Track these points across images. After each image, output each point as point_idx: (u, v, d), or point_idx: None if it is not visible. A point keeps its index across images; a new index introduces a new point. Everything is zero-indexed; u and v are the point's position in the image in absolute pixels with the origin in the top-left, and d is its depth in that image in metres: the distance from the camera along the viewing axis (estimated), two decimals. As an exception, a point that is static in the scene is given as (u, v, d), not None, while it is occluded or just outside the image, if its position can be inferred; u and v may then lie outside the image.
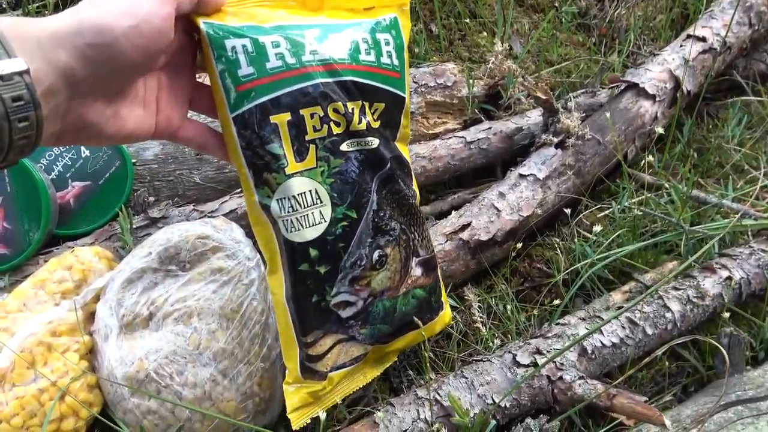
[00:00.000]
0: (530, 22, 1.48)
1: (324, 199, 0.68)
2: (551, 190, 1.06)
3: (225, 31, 0.61)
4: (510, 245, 1.02)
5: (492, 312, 1.02)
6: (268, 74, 0.63)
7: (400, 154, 0.76)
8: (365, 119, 0.69)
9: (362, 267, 0.72)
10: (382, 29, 0.71)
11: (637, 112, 1.14)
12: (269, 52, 0.62)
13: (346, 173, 0.69)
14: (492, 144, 1.12)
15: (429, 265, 0.82)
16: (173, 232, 0.87)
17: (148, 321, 0.80)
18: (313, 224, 0.68)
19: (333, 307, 0.73)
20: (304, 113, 0.64)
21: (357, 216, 0.71)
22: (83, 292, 0.82)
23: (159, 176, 1.01)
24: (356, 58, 0.68)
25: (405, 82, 0.75)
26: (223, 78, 0.62)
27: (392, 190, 0.74)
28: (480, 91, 1.19)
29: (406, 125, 0.78)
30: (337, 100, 0.66)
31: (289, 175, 0.65)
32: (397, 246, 0.75)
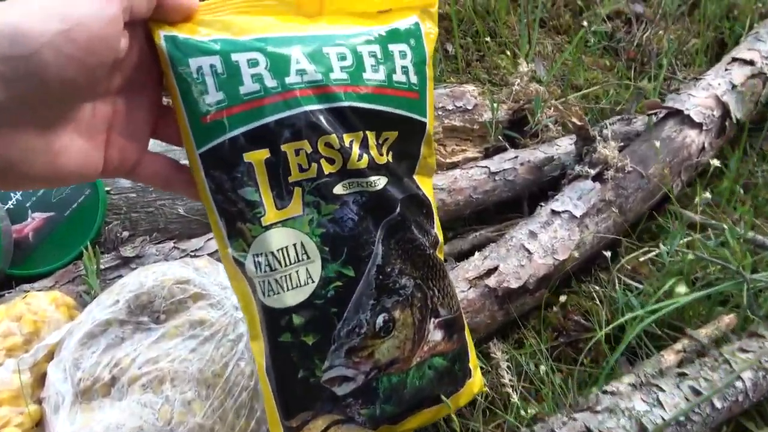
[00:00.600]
0: (553, 44, 1.37)
1: (312, 255, 0.55)
2: (589, 230, 0.92)
3: (189, 47, 0.47)
4: (543, 293, 0.88)
5: (522, 372, 0.87)
6: (241, 101, 0.50)
7: (418, 193, 0.61)
8: (367, 154, 0.55)
9: (362, 335, 0.57)
10: (397, 38, 0.57)
11: (682, 143, 1.01)
12: (244, 72, 0.49)
13: (342, 221, 0.56)
14: (519, 175, 0.99)
15: (453, 327, 0.66)
16: (147, 275, 0.73)
17: (110, 387, 0.65)
18: (297, 286, 0.55)
19: (325, 383, 0.58)
20: (287, 149, 0.52)
21: (355, 274, 0.56)
22: (33, 348, 0.68)
23: (137, 207, 0.87)
24: (359, 77, 0.54)
25: (426, 104, 0.60)
26: (187, 105, 0.49)
27: (403, 238, 0.59)
28: (504, 116, 1.06)
29: (428, 155, 0.63)
30: (330, 131, 0.52)
31: (267, 227, 0.53)
32: (408, 307, 0.60)
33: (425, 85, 0.60)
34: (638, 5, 1.47)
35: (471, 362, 0.69)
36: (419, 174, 0.63)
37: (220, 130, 0.49)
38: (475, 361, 0.70)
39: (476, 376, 0.70)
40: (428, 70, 0.60)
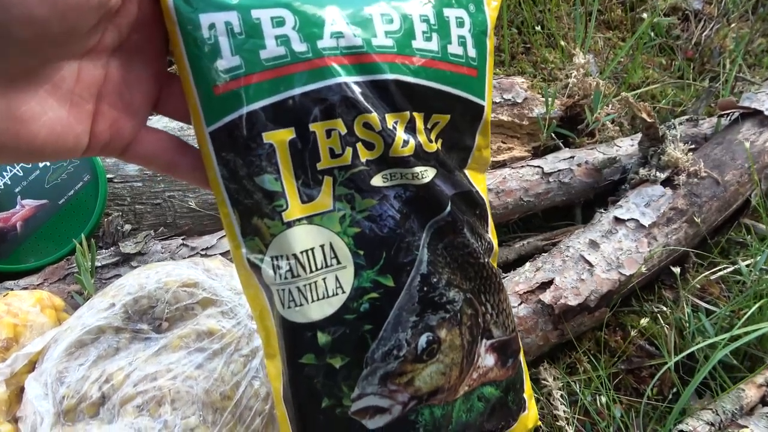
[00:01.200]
0: (604, 39, 1.25)
1: (343, 260, 0.45)
2: (657, 241, 0.80)
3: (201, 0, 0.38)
4: (604, 312, 0.76)
5: (577, 401, 0.75)
6: (263, 68, 0.41)
7: (471, 189, 0.49)
8: (414, 140, 0.45)
9: (401, 359, 0.47)
10: (454, 2, 0.47)
11: (762, 147, 0.89)
12: (267, 33, 0.40)
13: (381, 220, 0.46)
14: (575, 177, 0.87)
15: (508, 350, 0.54)
16: (149, 275, 0.62)
17: (99, 407, 0.55)
18: (324, 297, 0.45)
19: (354, 415, 0.47)
20: (317, 129, 0.42)
21: (395, 284, 0.47)
22: (11, 357, 0.57)
23: (143, 198, 0.77)
24: (407, 45, 0.44)
25: (486, 84, 0.49)
26: (196, 72, 0.40)
27: (453, 243, 0.49)
28: (556, 112, 0.95)
29: (483, 146, 0.51)
30: (370, 110, 0.43)
31: (289, 223, 0.43)
32: (457, 326, 0.50)
33: (485, 60, 0.48)
34: (697, 1, 1.35)
35: (526, 392, 0.58)
36: (471, 168, 0.52)
37: (236, 104, 0.40)
38: (530, 390, 0.59)
39: (531, 408, 0.58)
40: (489, 42, 0.49)
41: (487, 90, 0.49)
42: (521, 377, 0.57)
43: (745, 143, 0.84)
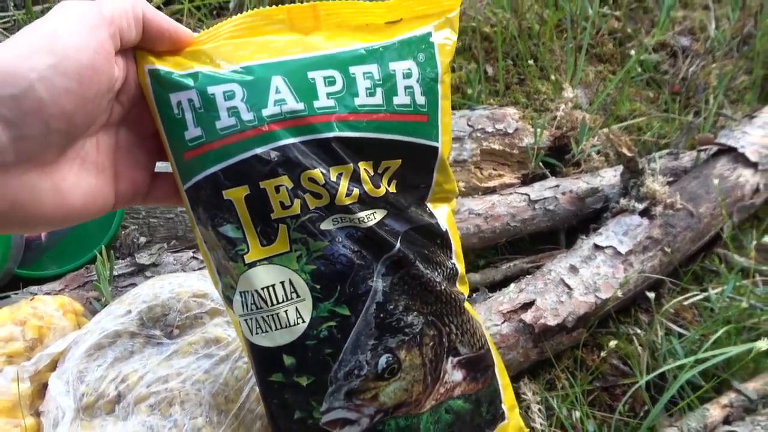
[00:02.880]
0: (595, 72, 1.32)
1: (302, 293, 0.51)
2: (633, 268, 0.86)
3: (170, 82, 0.45)
4: (581, 333, 0.82)
5: (554, 415, 0.81)
6: (219, 137, 0.47)
7: (430, 222, 0.55)
8: (359, 188, 0.50)
9: (362, 377, 0.53)
10: (401, 55, 0.51)
11: (735, 182, 0.95)
12: (220, 106, 0.47)
13: (333, 258, 0.52)
14: (560, 205, 0.93)
15: (476, 366, 0.60)
16: (163, 285, 0.68)
17: (115, 405, 0.60)
18: (287, 326, 0.51)
19: (325, 425, 0.53)
20: (267, 186, 0.48)
21: (351, 313, 0.53)
22: (36, 356, 0.63)
23: (157, 212, 0.83)
24: (349, 103, 0.49)
25: (439, 126, 0.53)
26: (171, 142, 0.47)
27: (408, 274, 0.54)
28: (545, 142, 1.01)
29: (444, 181, 0.56)
30: (312, 166, 0.49)
31: (250, 264, 0.50)
32: (416, 347, 0.55)
33: (437, 105, 0.53)
34: (684, 38, 1.42)
35: (505, 403, 0.63)
36: (434, 200, 0.57)
37: (200, 167, 0.47)
38: (511, 401, 0.64)
39: (513, 417, 0.63)
40: (441, 87, 0.53)
41: (441, 131, 0.54)
42: (496, 390, 0.62)
43: (714, 180, 0.90)
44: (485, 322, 0.79)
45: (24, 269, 0.74)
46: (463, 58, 1.23)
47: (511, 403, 0.63)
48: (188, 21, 1.15)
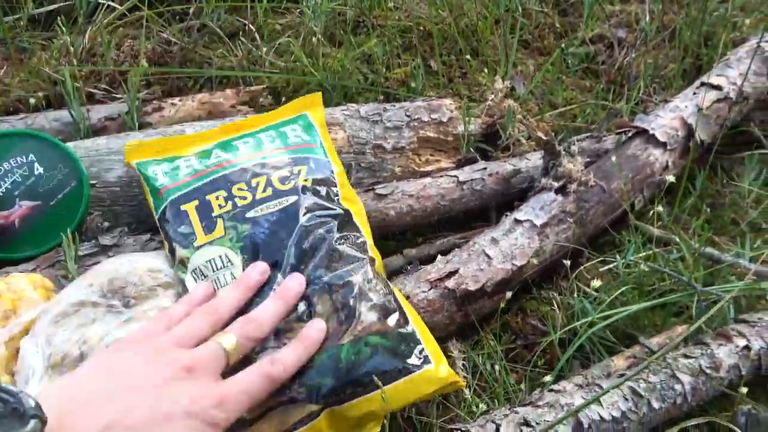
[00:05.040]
0: (535, 65, 1.42)
1: (234, 261, 0.75)
2: (549, 239, 0.96)
3: (148, 163, 0.85)
4: (501, 297, 0.92)
5: (478, 372, 0.91)
6: (178, 180, 0.82)
7: (331, 207, 0.81)
8: (273, 186, 0.80)
9: (286, 320, 0.71)
10: (287, 123, 0.91)
11: (646, 160, 1.06)
12: (181, 165, 0.84)
13: (255, 236, 0.76)
14: (487, 185, 1.04)
15: (387, 311, 0.74)
16: (122, 262, 0.78)
17: (78, 362, 0.70)
18: (225, 285, 0.74)
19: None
20: (210, 198, 0.79)
21: (271, 272, 0.74)
22: (10, 324, 0.73)
23: (120, 200, 0.93)
24: (260, 146, 0.86)
25: (323, 147, 0.89)
26: (151, 192, 0.83)
27: (314, 242, 0.76)
28: (477, 130, 1.11)
29: (342, 184, 0.86)
30: (240, 179, 0.81)
31: (197, 247, 0.76)
32: (327, 294, 0.73)
33: (318, 137, 0.90)
34: (621, 30, 1.52)
35: (431, 352, 0.74)
36: (344, 197, 0.84)
37: (165, 197, 0.81)
38: (437, 354, 0.75)
39: (441, 366, 0.74)
40: (320, 129, 0.92)
41: (326, 148, 0.89)
42: (413, 334, 0.74)
43: (612, 158, 1.00)
44: (414, 290, 0.89)
45: (0, 252, 0.84)
46: (408, 54, 1.33)
47: (436, 354, 0.75)
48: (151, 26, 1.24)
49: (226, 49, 1.26)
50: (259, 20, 1.29)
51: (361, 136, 1.06)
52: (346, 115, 1.07)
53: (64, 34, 1.11)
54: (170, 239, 0.78)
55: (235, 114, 1.13)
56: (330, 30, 1.32)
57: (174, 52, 1.25)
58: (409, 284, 0.89)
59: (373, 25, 1.34)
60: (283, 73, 1.23)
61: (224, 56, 1.25)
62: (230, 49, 1.26)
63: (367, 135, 1.06)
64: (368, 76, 1.26)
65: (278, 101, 1.22)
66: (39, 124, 1.04)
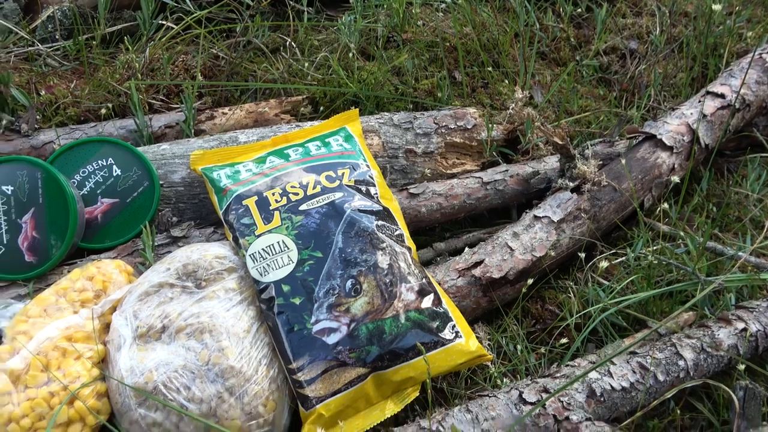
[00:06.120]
0: (552, 75, 1.53)
1: (290, 246, 0.87)
2: (565, 233, 1.06)
3: (212, 168, 0.99)
4: (522, 285, 1.03)
5: (502, 351, 1.02)
6: (239, 180, 0.96)
7: (372, 204, 0.94)
8: (321, 184, 0.94)
9: (336, 295, 0.83)
10: (330, 135, 1.06)
11: (654, 162, 1.16)
12: (241, 169, 0.98)
13: (307, 225, 0.89)
14: (508, 186, 1.14)
15: (424, 292, 0.86)
16: (193, 250, 0.90)
17: (161, 334, 0.82)
18: (283, 266, 0.86)
19: (316, 334, 0.80)
20: (267, 194, 0.93)
21: (322, 255, 0.86)
22: (102, 302, 0.85)
23: (184, 199, 1.05)
24: (308, 153, 1.01)
25: (363, 153, 1.02)
26: (216, 192, 0.96)
27: (359, 231, 0.89)
28: (499, 135, 1.22)
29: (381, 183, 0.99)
30: (293, 179, 0.95)
31: (258, 235, 0.88)
32: (372, 274, 0.85)
33: (358, 146, 1.03)
34: (633, 42, 1.63)
35: (461, 329, 0.86)
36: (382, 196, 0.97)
37: (229, 195, 0.94)
38: (468, 330, 0.87)
39: (471, 341, 0.86)
40: (358, 139, 1.05)
41: (364, 155, 1.01)
42: (447, 314, 0.85)
43: (623, 160, 1.11)
44: (444, 278, 1.00)
45: (86, 243, 0.96)
46: (434, 67, 1.44)
47: (466, 331, 0.86)
48: (202, 43, 1.37)
49: (269, 63, 1.39)
50: (299, 37, 1.42)
51: (395, 141, 1.17)
52: (380, 122, 1.19)
53: (131, 51, 1.24)
54: (234, 229, 0.90)
55: (278, 122, 1.25)
56: (363, 45, 1.44)
57: (222, 66, 1.38)
58: (439, 273, 1.00)
59: (402, 41, 1.45)
60: (320, 84, 1.35)
61: (267, 69, 1.38)
62: (273, 63, 1.39)
63: (399, 141, 1.17)
64: (398, 87, 1.37)
65: (317, 110, 1.34)
66: (107, 132, 1.17)
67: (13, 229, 0.91)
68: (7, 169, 0.92)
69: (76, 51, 1.32)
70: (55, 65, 1.30)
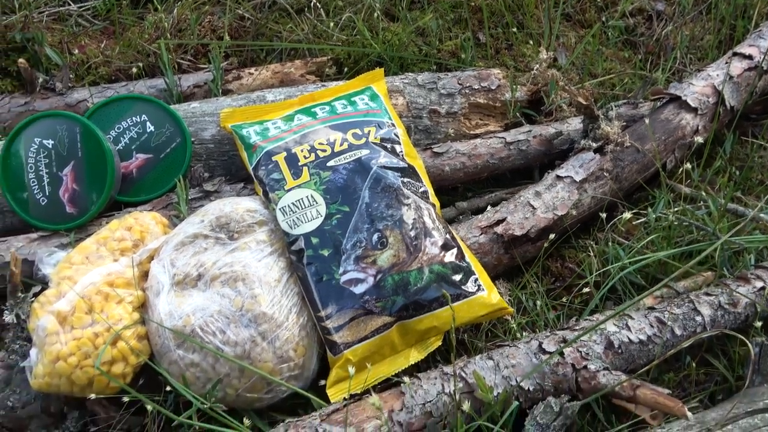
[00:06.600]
0: (577, 36, 1.52)
1: (319, 201, 0.90)
2: (587, 193, 1.08)
3: (241, 126, 1.01)
4: (543, 243, 1.05)
5: (522, 307, 1.04)
6: (268, 137, 0.98)
7: (397, 161, 0.96)
8: (348, 141, 0.96)
9: (363, 247, 0.87)
10: (356, 94, 1.07)
11: (678, 124, 1.16)
12: (270, 126, 1.00)
13: (335, 180, 0.92)
14: (531, 146, 1.16)
15: (447, 246, 0.90)
16: (225, 203, 0.93)
17: (197, 281, 0.86)
18: (312, 219, 0.89)
19: (344, 284, 0.84)
20: (296, 150, 0.95)
21: (350, 209, 0.89)
22: (140, 251, 0.89)
23: (214, 155, 1.08)
24: (334, 111, 1.02)
25: (388, 112, 1.04)
26: (246, 148, 0.99)
27: (385, 186, 0.92)
28: (523, 96, 1.23)
29: (404, 141, 1.02)
30: (321, 136, 0.97)
31: (288, 189, 0.92)
32: (398, 228, 0.89)
33: (383, 103, 1.05)
34: (660, 3, 1.60)
35: (483, 282, 0.89)
36: (406, 154, 0.99)
37: (258, 151, 0.97)
38: (489, 284, 0.90)
39: (492, 294, 0.89)
40: (384, 99, 1.07)
41: (389, 114, 1.03)
42: (469, 268, 0.88)
43: (646, 121, 1.11)
44: (467, 235, 1.03)
45: (122, 196, 1.00)
46: (458, 28, 1.44)
47: (488, 284, 0.89)
48: (229, 4, 1.38)
49: (294, 24, 1.40)
50: (324, -3, 1.42)
51: (419, 102, 1.19)
52: (405, 83, 1.20)
53: (159, 11, 1.26)
54: (264, 184, 0.93)
55: (304, 82, 1.27)
56: (388, 6, 1.44)
57: (248, 27, 1.40)
58: (462, 230, 1.03)
59: (427, 2, 1.45)
60: (345, 45, 1.36)
61: (292, 30, 1.39)
62: (297, 24, 1.40)
63: (423, 101, 1.19)
64: (422, 48, 1.38)
65: (341, 71, 1.36)
66: (138, 91, 1.20)
67: (54, 181, 0.95)
68: (47, 124, 0.95)
69: (106, 11, 1.34)
70: (86, 25, 1.33)
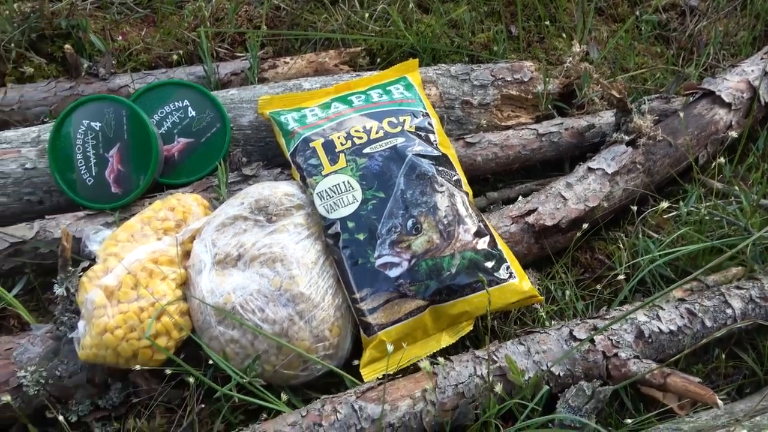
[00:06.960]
0: (609, 31, 1.52)
1: (355, 186, 0.92)
2: (618, 186, 1.09)
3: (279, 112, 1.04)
4: (573, 234, 1.06)
5: (551, 297, 1.06)
6: (306, 124, 1.01)
7: (431, 149, 0.98)
8: (383, 130, 0.98)
9: (398, 233, 0.89)
10: (391, 84, 1.09)
11: (711, 119, 1.16)
12: (307, 114, 1.03)
13: (371, 167, 0.94)
14: (563, 138, 1.17)
15: (480, 234, 0.92)
16: (264, 187, 0.96)
17: (237, 261, 0.89)
18: (348, 204, 0.91)
19: (379, 268, 0.86)
20: (333, 137, 0.97)
21: (385, 195, 0.91)
22: (183, 230, 0.92)
23: (252, 141, 1.11)
24: (370, 100, 1.04)
25: (422, 102, 1.06)
26: (284, 134, 1.01)
27: (419, 174, 0.93)
28: (555, 89, 1.24)
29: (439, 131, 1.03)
30: (357, 124, 0.98)
31: (325, 175, 0.94)
32: (432, 215, 0.90)
33: (418, 94, 1.07)
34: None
35: (516, 270, 0.91)
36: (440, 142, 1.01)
37: (297, 137, 0.99)
38: (521, 272, 0.91)
39: (524, 282, 0.91)
40: (418, 89, 1.08)
41: (424, 104, 1.04)
42: (501, 255, 0.90)
43: (681, 114, 1.11)
44: (498, 224, 1.04)
45: (164, 178, 1.03)
46: (491, 20, 1.45)
47: (520, 272, 0.91)
48: None
49: (328, 14, 1.42)
50: (359, -12, 1.44)
51: (452, 92, 1.20)
52: (438, 73, 1.21)
53: (198, 0, 1.29)
54: (302, 170, 0.95)
55: (337, 72, 1.29)
56: (421, -2, 1.46)
57: (283, 17, 1.42)
58: (493, 219, 1.04)
59: (460, -6, 1.46)
60: (378, 36, 1.37)
61: (327, 20, 1.41)
62: (332, 14, 1.42)
63: (456, 92, 1.20)
64: (455, 40, 1.39)
65: (374, 62, 1.37)
66: (178, 77, 1.23)
67: (101, 162, 0.99)
68: (95, 107, 0.99)
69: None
70: (127, 12, 1.36)
